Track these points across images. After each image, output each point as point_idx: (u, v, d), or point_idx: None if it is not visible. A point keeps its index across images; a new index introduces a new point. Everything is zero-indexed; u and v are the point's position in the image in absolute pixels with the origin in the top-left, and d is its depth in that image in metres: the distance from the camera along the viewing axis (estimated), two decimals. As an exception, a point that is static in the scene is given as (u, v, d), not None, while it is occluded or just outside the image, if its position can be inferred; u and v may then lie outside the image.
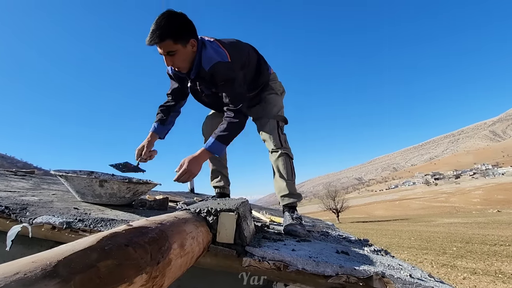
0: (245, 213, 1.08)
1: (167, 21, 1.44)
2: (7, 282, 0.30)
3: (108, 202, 1.41)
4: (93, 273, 0.39)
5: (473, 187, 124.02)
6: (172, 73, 1.82)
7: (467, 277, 6.92)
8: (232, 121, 1.61)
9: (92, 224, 0.99)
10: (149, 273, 0.49)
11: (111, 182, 1.35)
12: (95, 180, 1.32)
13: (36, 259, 0.37)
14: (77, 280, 0.36)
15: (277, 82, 2.03)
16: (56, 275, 0.35)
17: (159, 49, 1.50)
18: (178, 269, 0.64)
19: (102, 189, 1.35)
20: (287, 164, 1.80)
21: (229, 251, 0.92)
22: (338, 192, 53.12)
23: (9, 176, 2.00)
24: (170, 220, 0.73)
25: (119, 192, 1.39)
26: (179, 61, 1.56)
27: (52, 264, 0.36)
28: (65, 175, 1.33)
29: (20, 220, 0.99)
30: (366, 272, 0.89)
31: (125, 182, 1.38)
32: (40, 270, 0.34)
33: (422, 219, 35.18)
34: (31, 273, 0.33)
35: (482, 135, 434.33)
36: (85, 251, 0.42)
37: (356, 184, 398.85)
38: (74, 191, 1.41)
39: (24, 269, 0.33)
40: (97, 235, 0.49)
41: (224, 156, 2.22)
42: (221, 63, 1.56)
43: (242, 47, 1.77)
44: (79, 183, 1.34)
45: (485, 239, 12.61)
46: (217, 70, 1.57)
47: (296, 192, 1.80)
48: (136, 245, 0.51)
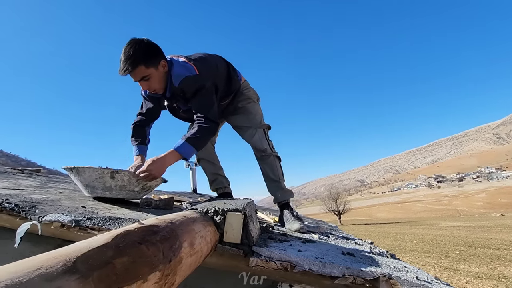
0: (251, 213, 1.08)
1: (134, 48, 1.47)
2: (30, 276, 0.31)
3: (118, 195, 1.42)
4: (109, 270, 0.40)
5: (477, 190, 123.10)
6: (146, 95, 1.87)
7: (470, 281, 6.87)
8: (202, 125, 1.63)
9: (101, 222, 1.00)
10: (162, 271, 0.50)
11: (122, 173, 1.37)
12: (106, 171, 1.34)
13: (56, 255, 0.37)
14: (95, 276, 0.37)
15: (250, 90, 2.09)
16: (76, 271, 0.35)
17: (133, 77, 1.53)
18: (188, 268, 0.64)
19: (112, 181, 1.37)
20: (279, 165, 1.99)
21: (236, 251, 0.92)
22: (340, 194, 52.97)
23: (16, 174, 2.02)
24: (179, 219, 0.74)
25: (129, 184, 1.41)
26: (154, 83, 1.60)
27: (72, 260, 0.37)
28: (76, 168, 1.35)
29: (30, 217, 1.00)
30: (373, 274, 0.89)
31: (135, 173, 1.41)
32: (61, 266, 0.35)
33: (425, 222, 34.98)
34: (52, 269, 0.33)
35: (486, 138, 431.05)
36: (101, 248, 0.43)
37: (358, 186, 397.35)
38: (83, 185, 1.42)
39: (46, 265, 0.34)
40: (111, 232, 0.50)
41: (216, 157, 2.28)
42: (189, 77, 1.62)
43: (210, 59, 1.81)
44: (90, 175, 1.36)
45: (488, 243, 12.51)
46: (186, 84, 1.63)
47: (288, 189, 2.00)
48: (148, 243, 0.52)
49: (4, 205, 1.03)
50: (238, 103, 2.02)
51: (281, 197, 1.94)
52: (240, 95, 2.03)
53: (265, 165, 1.98)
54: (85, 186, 1.42)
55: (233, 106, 2.04)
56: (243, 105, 2.02)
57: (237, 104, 2.03)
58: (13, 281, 0.29)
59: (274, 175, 1.95)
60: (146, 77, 1.54)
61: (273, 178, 1.96)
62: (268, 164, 1.97)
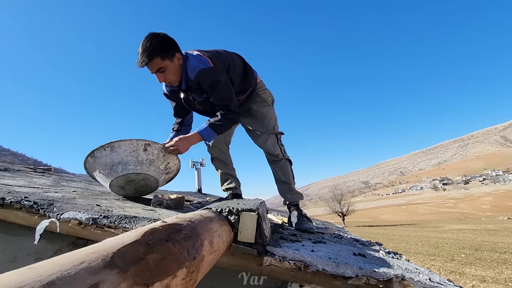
0: (263, 213, 1.10)
1: (151, 41, 1.56)
2: (76, 270, 0.33)
3: (147, 170, 1.52)
4: (143, 265, 0.41)
5: (483, 193, 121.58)
6: (167, 91, 1.95)
7: (476, 284, 6.79)
8: (225, 114, 1.77)
9: (117, 220, 1.03)
10: (188, 268, 0.52)
11: (153, 146, 1.51)
12: (141, 142, 1.45)
13: (94, 250, 0.39)
14: (132, 270, 0.38)
15: (266, 91, 2.12)
16: (115, 265, 0.37)
17: (150, 69, 1.62)
18: (209, 266, 0.66)
19: (144, 154, 1.47)
20: (289, 168, 2.05)
21: (250, 250, 0.94)
22: (344, 195, 52.68)
23: (30, 173, 2.06)
24: (197, 218, 0.76)
25: (157, 159, 1.53)
26: (170, 75, 1.68)
27: (109, 255, 0.38)
28: (112, 144, 1.43)
29: (48, 215, 1.03)
30: (386, 275, 0.90)
31: (162, 147, 1.55)
32: (101, 260, 0.36)
33: (430, 225, 34.64)
34: (94, 263, 0.35)
35: (492, 140, 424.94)
36: (133, 245, 0.45)
37: (363, 187, 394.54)
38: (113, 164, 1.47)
39: (88, 259, 0.36)
40: (138, 230, 0.52)
41: (229, 158, 2.33)
42: (204, 70, 1.68)
43: (225, 54, 1.88)
44: (126, 149, 1.44)
45: (495, 247, 12.35)
46: (201, 77, 1.69)
47: (298, 192, 2.06)
48: (174, 240, 0.54)
49: (24, 203, 1.06)
50: (253, 105, 2.06)
51: (291, 198, 2.00)
52: (256, 96, 2.07)
53: (277, 168, 2.05)
54: (117, 165, 1.46)
55: (247, 107, 2.07)
56: (258, 108, 2.06)
57: (252, 106, 2.06)
58: (62, 273, 0.31)
59: (285, 177, 2.02)
60: (161, 69, 1.62)
61: (283, 180, 2.02)
62: (280, 167, 2.03)
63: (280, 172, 2.03)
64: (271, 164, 2.07)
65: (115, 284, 0.34)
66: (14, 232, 1.26)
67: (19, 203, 1.06)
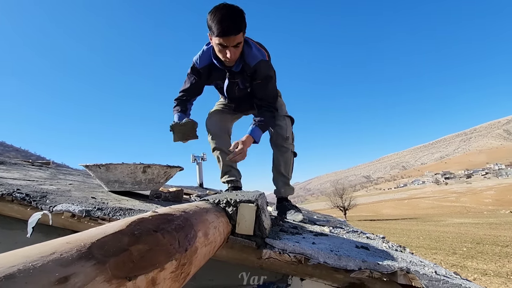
0: (263, 205, 1.06)
1: (240, 15, 1.52)
2: (44, 261, 0.29)
3: (146, 188, 1.46)
4: (126, 257, 0.38)
5: (485, 187, 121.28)
6: (200, 66, 1.84)
7: (477, 278, 6.78)
8: (270, 114, 1.83)
9: (111, 213, 0.99)
10: (178, 260, 0.48)
11: (153, 167, 1.43)
12: (139, 166, 1.38)
13: (70, 240, 0.35)
14: (111, 262, 0.35)
15: (275, 85, 2.14)
16: (92, 256, 0.33)
17: (231, 41, 1.53)
18: (203, 258, 0.62)
19: (143, 175, 1.41)
20: (292, 162, 2.01)
21: (249, 243, 0.90)
22: (345, 190, 52.67)
23: (27, 166, 2.03)
24: (192, 209, 0.72)
25: (157, 177, 1.48)
26: (238, 53, 1.63)
27: (86, 246, 0.35)
28: (107, 165, 1.35)
29: (41, 207, 1.00)
30: (390, 268, 0.86)
31: (163, 166, 1.46)
32: (76, 251, 0.33)
33: (432, 219, 34.66)
34: (67, 254, 0.31)
35: (495, 134, 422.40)
36: (116, 235, 0.41)
37: (364, 182, 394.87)
38: (111, 180, 1.42)
39: (60, 250, 0.32)
40: (125, 220, 0.48)
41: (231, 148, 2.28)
42: (264, 61, 1.71)
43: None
44: (122, 171, 1.38)
45: (497, 240, 12.32)
46: (260, 68, 1.72)
47: (292, 187, 2.06)
48: (164, 231, 0.50)
49: (15, 195, 1.03)
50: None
51: (284, 192, 2.00)
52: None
53: (281, 157, 1.98)
54: (113, 182, 1.42)
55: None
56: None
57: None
58: (26, 265, 0.27)
59: (285, 171, 1.98)
60: (238, 45, 1.58)
61: (283, 173, 1.99)
62: (284, 158, 1.97)
63: (283, 163, 1.97)
64: (275, 148, 1.99)
65: (89, 278, 0.30)
66: (9, 225, 1.23)
67: (11, 195, 1.02)
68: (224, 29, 1.48)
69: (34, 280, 0.26)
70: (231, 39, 1.52)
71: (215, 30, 1.49)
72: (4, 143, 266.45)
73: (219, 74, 1.86)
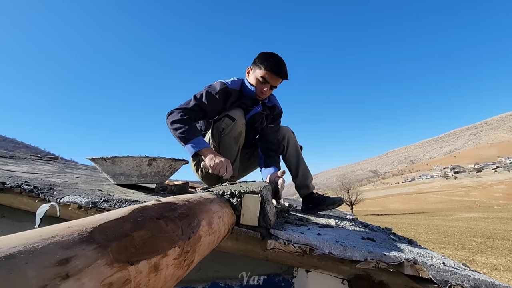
0: (268, 196, 1.06)
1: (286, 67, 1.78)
2: (45, 243, 0.29)
3: (151, 181, 1.47)
4: (128, 242, 0.38)
5: (496, 181, 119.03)
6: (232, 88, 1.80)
7: (487, 272, 6.69)
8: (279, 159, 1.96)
9: (117, 204, 1.00)
10: (182, 247, 0.48)
11: (158, 160, 1.43)
12: (145, 159, 1.39)
13: (72, 224, 0.35)
14: (113, 247, 0.35)
15: None
16: (93, 240, 0.33)
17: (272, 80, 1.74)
18: (207, 247, 0.62)
19: (149, 168, 1.42)
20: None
21: (253, 233, 0.90)
22: (352, 184, 52.44)
23: (35, 161, 2.07)
24: (196, 198, 0.72)
25: (163, 170, 1.48)
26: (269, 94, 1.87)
27: (88, 230, 0.35)
28: (113, 158, 1.36)
29: (48, 199, 1.01)
30: (397, 258, 0.85)
31: (168, 159, 1.48)
32: (77, 235, 0.33)
33: (440, 213, 34.26)
34: (68, 237, 0.31)
35: (507, 127, 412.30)
36: (118, 221, 0.41)
37: (371, 176, 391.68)
38: (117, 174, 1.43)
39: (61, 233, 0.32)
40: (128, 207, 0.48)
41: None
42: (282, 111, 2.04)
43: None
44: (128, 164, 1.39)
45: (508, 235, 12.13)
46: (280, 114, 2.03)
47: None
48: (167, 219, 0.50)
49: (24, 187, 1.04)
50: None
51: (313, 187, 2.00)
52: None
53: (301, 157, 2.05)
54: (119, 175, 1.43)
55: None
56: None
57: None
58: (27, 247, 0.27)
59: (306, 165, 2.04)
60: (275, 88, 1.81)
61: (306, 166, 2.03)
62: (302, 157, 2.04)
63: (303, 161, 2.00)
64: (295, 152, 2.01)
65: (90, 260, 0.30)
66: (19, 218, 1.26)
67: (19, 187, 1.04)
68: (276, 68, 1.70)
69: (35, 260, 0.26)
70: (276, 79, 1.73)
71: (267, 66, 1.70)
72: (14, 140, 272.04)
73: (249, 101, 1.87)
